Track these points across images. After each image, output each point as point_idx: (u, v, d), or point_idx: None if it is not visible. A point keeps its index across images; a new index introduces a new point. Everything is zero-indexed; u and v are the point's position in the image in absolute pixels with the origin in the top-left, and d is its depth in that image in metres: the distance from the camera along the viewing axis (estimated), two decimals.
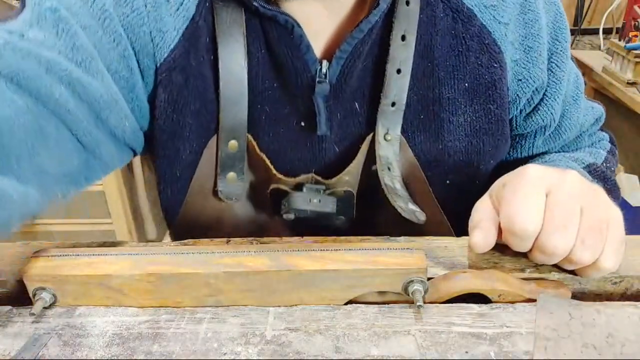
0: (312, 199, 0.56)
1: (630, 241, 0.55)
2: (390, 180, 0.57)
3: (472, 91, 0.58)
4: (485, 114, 0.59)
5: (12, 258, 0.55)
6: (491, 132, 0.60)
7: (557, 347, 0.42)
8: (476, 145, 0.60)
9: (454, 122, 0.58)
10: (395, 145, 0.57)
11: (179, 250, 0.49)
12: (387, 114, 0.56)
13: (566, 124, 0.67)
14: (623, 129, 1.88)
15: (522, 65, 0.59)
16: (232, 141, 0.57)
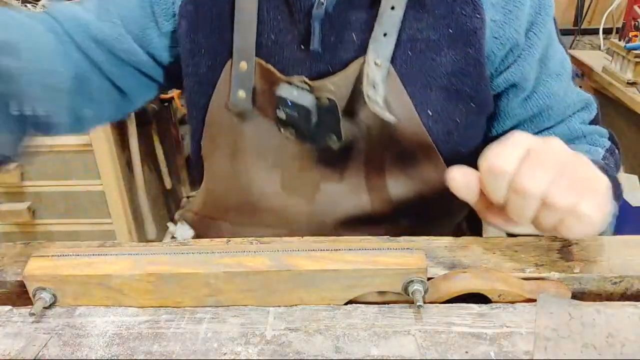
0: (293, 92, 0.64)
1: (630, 241, 0.55)
2: (373, 94, 0.63)
3: (455, 37, 0.65)
4: (464, 56, 0.66)
5: (12, 258, 0.55)
6: (469, 73, 0.66)
7: (557, 347, 0.42)
8: (456, 84, 0.67)
9: (436, 61, 0.66)
10: (384, 71, 0.63)
11: (179, 250, 0.49)
12: (379, 42, 0.63)
13: (544, 91, 0.71)
14: (623, 129, 1.88)
15: (499, 25, 0.66)
16: (242, 62, 0.67)
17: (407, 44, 0.65)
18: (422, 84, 0.66)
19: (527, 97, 0.72)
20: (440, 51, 0.65)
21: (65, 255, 0.49)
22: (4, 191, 1.81)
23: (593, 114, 0.76)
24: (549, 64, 0.71)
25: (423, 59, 0.66)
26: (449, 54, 0.66)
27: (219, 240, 0.58)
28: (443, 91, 0.67)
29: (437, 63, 0.66)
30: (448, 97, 0.67)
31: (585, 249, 0.54)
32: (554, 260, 0.52)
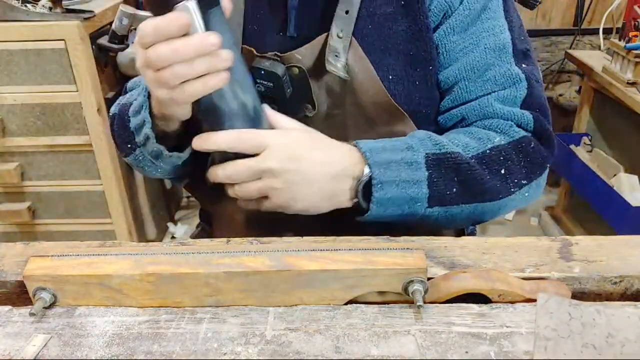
0: (265, 62, 0.74)
1: (630, 241, 0.55)
2: (334, 60, 0.72)
3: (406, 7, 0.73)
4: (416, 23, 0.73)
5: (13, 258, 0.55)
6: (422, 38, 0.73)
7: (557, 347, 0.42)
8: (412, 49, 0.74)
9: (393, 29, 0.74)
10: (346, 42, 0.72)
11: (179, 250, 0.49)
12: (341, 18, 0.72)
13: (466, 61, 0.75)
14: (623, 129, 1.88)
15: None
16: None
17: (367, 18, 0.74)
18: (382, 50, 0.74)
19: (447, 65, 0.75)
20: (395, 21, 0.74)
21: (65, 255, 0.49)
22: (4, 191, 1.81)
23: (520, 92, 0.75)
24: (477, 36, 0.75)
25: (381, 29, 0.74)
26: (403, 22, 0.74)
27: (219, 240, 0.58)
28: (401, 56, 0.74)
29: (394, 31, 0.74)
30: (406, 61, 0.74)
31: (585, 249, 0.54)
32: (554, 260, 0.52)
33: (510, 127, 0.73)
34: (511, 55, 0.76)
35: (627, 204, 1.65)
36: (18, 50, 1.58)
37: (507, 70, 0.75)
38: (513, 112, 0.74)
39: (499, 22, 0.76)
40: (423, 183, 0.65)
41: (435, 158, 0.67)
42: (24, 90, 1.63)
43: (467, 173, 0.67)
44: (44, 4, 1.60)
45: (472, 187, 0.67)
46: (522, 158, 0.71)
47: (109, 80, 1.75)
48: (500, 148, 0.70)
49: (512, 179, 0.70)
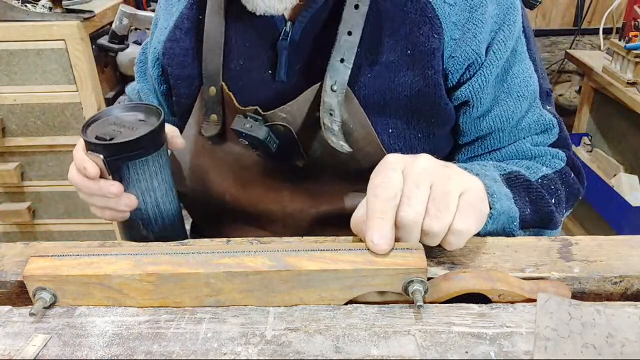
0: (246, 124, 0.68)
1: (630, 241, 0.55)
2: (329, 121, 0.66)
3: (413, 57, 0.66)
4: (423, 78, 0.67)
5: (13, 258, 0.55)
6: (428, 94, 0.67)
7: (557, 347, 0.42)
8: (415, 104, 0.68)
9: (395, 82, 0.67)
10: (340, 95, 0.66)
11: (179, 250, 0.49)
12: (335, 68, 0.65)
13: (498, 112, 0.71)
14: (623, 129, 1.88)
15: (458, 44, 0.66)
16: (211, 87, 0.72)
17: (366, 67, 0.67)
18: (381, 105, 0.68)
19: (480, 115, 0.71)
20: (398, 72, 0.67)
21: (65, 255, 0.49)
22: (4, 191, 1.81)
23: (552, 138, 0.74)
24: (509, 83, 0.70)
25: (382, 80, 0.67)
26: (407, 74, 0.67)
27: (219, 240, 0.58)
28: (403, 111, 0.68)
29: (396, 84, 0.67)
30: (408, 116, 0.69)
31: (585, 249, 0.54)
32: (554, 260, 0.52)
33: (549, 160, 0.72)
34: (539, 99, 0.73)
35: (627, 204, 1.65)
36: (18, 50, 1.58)
37: (540, 117, 0.73)
38: (549, 151, 0.73)
39: (526, 64, 0.71)
40: (511, 200, 0.61)
41: (507, 177, 0.64)
42: (24, 90, 1.63)
43: (537, 192, 0.65)
44: (44, 4, 1.60)
45: (541, 209, 0.65)
46: (564, 188, 0.70)
47: (109, 80, 1.75)
48: (549, 177, 0.69)
49: (561, 207, 0.68)
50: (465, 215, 0.49)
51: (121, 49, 1.65)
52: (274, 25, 0.69)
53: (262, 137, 0.68)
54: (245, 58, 0.71)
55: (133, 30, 1.72)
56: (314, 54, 0.68)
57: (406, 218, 0.48)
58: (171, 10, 0.79)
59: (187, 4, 0.76)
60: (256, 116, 0.69)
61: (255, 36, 0.71)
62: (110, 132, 0.60)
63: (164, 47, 0.77)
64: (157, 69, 0.81)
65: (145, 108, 0.65)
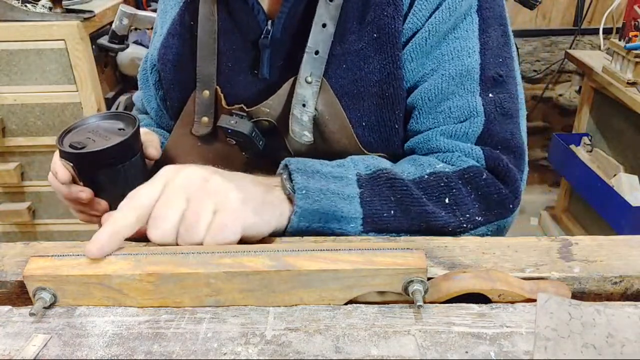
0: (231, 121, 0.69)
1: (630, 241, 0.55)
2: (299, 112, 0.67)
3: (381, 41, 0.66)
4: (392, 59, 0.66)
5: (13, 258, 0.55)
6: (396, 76, 0.66)
7: (557, 347, 0.42)
8: (386, 89, 0.67)
9: (365, 69, 0.66)
10: (315, 87, 0.66)
11: (179, 250, 0.49)
12: (310, 60, 0.66)
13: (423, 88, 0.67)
14: (623, 129, 1.88)
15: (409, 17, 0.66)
16: (205, 91, 0.73)
17: (341, 57, 0.67)
18: (354, 94, 0.67)
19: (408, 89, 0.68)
20: (367, 58, 0.66)
21: (65, 255, 0.49)
22: (4, 191, 1.81)
23: (475, 129, 0.66)
24: (439, 60, 0.66)
25: (354, 69, 0.67)
26: (376, 59, 0.66)
27: None
28: (375, 98, 0.67)
29: (366, 71, 0.66)
30: (381, 104, 0.67)
31: (585, 249, 0.54)
32: (554, 260, 0.52)
33: (457, 158, 0.65)
34: (477, 83, 0.66)
35: (627, 204, 1.65)
36: (18, 50, 1.58)
37: (465, 102, 0.65)
38: (459, 145, 0.65)
39: (468, 43, 0.66)
40: (355, 199, 0.58)
41: (368, 178, 0.61)
42: (24, 90, 1.64)
43: (404, 190, 0.59)
44: (44, 4, 1.60)
45: (411, 209, 0.59)
46: (471, 190, 0.62)
47: (109, 80, 1.75)
48: (441, 175, 0.62)
49: (460, 211, 0.61)
50: (215, 235, 0.50)
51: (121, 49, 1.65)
52: (257, 25, 0.71)
53: (247, 132, 0.69)
54: (233, 60, 0.73)
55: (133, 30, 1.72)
56: (294, 49, 0.69)
57: (154, 239, 0.50)
58: (165, 17, 0.81)
59: (179, 10, 0.78)
60: (241, 113, 0.70)
61: (241, 38, 0.72)
62: (83, 141, 0.62)
63: (159, 54, 0.79)
64: (154, 75, 0.83)
65: (124, 117, 0.67)
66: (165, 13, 0.81)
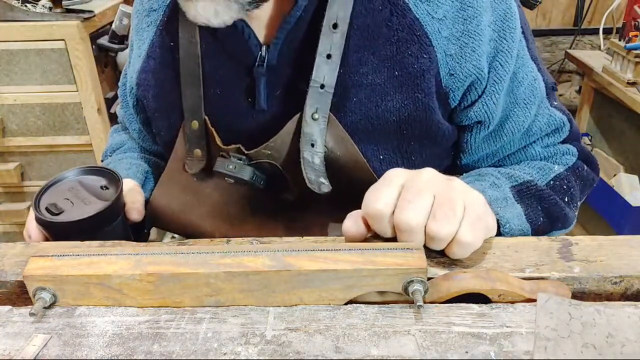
0: (229, 165, 0.64)
1: (630, 241, 0.55)
2: (310, 155, 0.62)
3: (402, 79, 0.61)
4: (413, 101, 0.62)
5: (13, 258, 0.55)
6: (419, 118, 0.63)
7: (557, 347, 0.42)
8: (406, 129, 0.64)
9: (382, 107, 0.62)
10: (322, 123, 0.61)
11: (179, 250, 0.49)
12: (315, 95, 0.61)
13: (510, 127, 0.68)
14: (623, 129, 1.88)
15: (456, 60, 0.62)
16: (194, 121, 0.67)
17: (351, 89, 0.62)
18: (369, 131, 0.63)
19: (491, 132, 0.68)
20: (386, 96, 0.62)
21: (65, 255, 0.49)
22: (4, 191, 1.81)
23: (563, 135, 0.72)
24: (517, 93, 0.66)
25: (369, 105, 0.62)
26: (395, 98, 0.62)
27: (219, 240, 0.58)
28: (393, 136, 0.64)
29: (383, 109, 0.62)
30: (399, 141, 0.65)
31: (585, 249, 0.54)
32: (554, 260, 0.52)
33: (561, 157, 0.70)
34: (545, 98, 0.70)
35: (627, 204, 1.65)
36: (18, 50, 1.58)
37: (550, 118, 0.69)
38: (558, 149, 0.71)
39: (529, 66, 0.67)
40: (522, 218, 0.60)
41: (519, 190, 0.62)
42: (24, 90, 1.63)
43: (550, 200, 0.63)
44: (44, 4, 1.60)
45: (553, 215, 0.64)
46: (579, 182, 0.69)
47: (109, 80, 1.75)
48: (562, 176, 0.67)
49: (574, 204, 0.68)
50: (473, 226, 0.48)
51: (121, 49, 1.65)
52: (249, 50, 0.64)
53: (248, 178, 0.64)
54: (222, 86, 0.67)
55: None
56: (294, 78, 0.64)
57: (406, 221, 0.47)
58: (142, 35, 0.73)
59: (156, 29, 0.71)
60: (239, 155, 0.65)
61: (230, 62, 0.66)
62: (61, 203, 0.59)
63: (138, 78, 0.73)
64: (132, 98, 0.77)
65: (107, 173, 0.64)
66: (143, 30, 0.73)
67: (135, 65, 0.75)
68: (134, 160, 0.80)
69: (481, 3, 0.61)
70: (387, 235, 0.50)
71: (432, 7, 0.60)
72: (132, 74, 0.76)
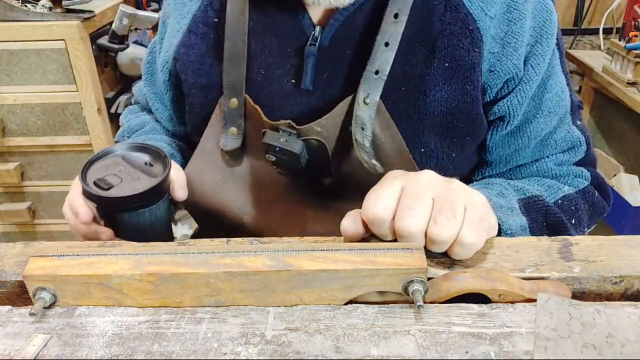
0: (280, 138, 0.64)
1: (630, 241, 0.55)
2: (361, 137, 0.63)
3: (452, 71, 0.63)
4: (462, 93, 0.63)
5: (13, 258, 0.55)
6: (466, 110, 0.64)
7: (557, 347, 0.42)
8: (451, 121, 0.65)
9: (430, 97, 0.64)
10: (372, 109, 0.63)
11: (179, 250, 0.49)
12: (370, 80, 0.62)
13: (529, 130, 0.68)
14: (623, 129, 1.88)
15: (497, 58, 0.64)
16: (233, 99, 0.67)
17: (401, 79, 0.63)
18: (415, 120, 0.64)
19: (511, 132, 0.69)
20: (435, 86, 0.63)
21: (65, 255, 0.49)
22: (4, 191, 1.81)
23: (579, 156, 0.72)
24: (543, 99, 0.68)
25: (416, 94, 0.64)
26: (444, 89, 0.63)
27: (219, 240, 0.58)
28: (437, 128, 0.65)
29: (431, 99, 0.64)
30: (442, 133, 0.66)
31: (585, 249, 0.54)
32: (554, 260, 0.52)
33: (574, 179, 0.70)
34: (569, 114, 0.71)
35: (627, 204, 1.65)
36: (18, 50, 1.58)
37: (568, 134, 0.70)
38: (571, 170, 0.71)
39: (559, 78, 0.69)
40: (527, 230, 0.60)
41: (526, 202, 0.62)
42: (24, 90, 1.64)
43: (556, 217, 0.63)
44: (44, 4, 1.60)
45: (558, 234, 0.63)
46: (588, 207, 0.69)
47: (109, 80, 1.75)
48: (570, 197, 0.67)
49: (580, 227, 0.67)
50: (475, 228, 0.48)
51: (121, 49, 1.65)
52: (301, 30, 0.65)
53: (298, 152, 0.64)
54: (266, 67, 0.67)
55: (133, 30, 1.72)
56: (344, 63, 0.65)
57: (407, 228, 0.47)
58: (182, 10, 0.73)
59: (200, 5, 0.72)
60: (290, 130, 0.65)
61: (278, 42, 0.67)
62: (109, 178, 0.58)
63: (177, 52, 0.72)
64: (165, 74, 0.76)
65: (154, 152, 0.63)
66: (183, 5, 0.73)
67: (172, 39, 0.74)
68: (160, 143, 0.80)
69: (527, 7, 0.64)
70: (388, 238, 0.50)
71: (485, 4, 0.63)
72: (167, 48, 0.75)
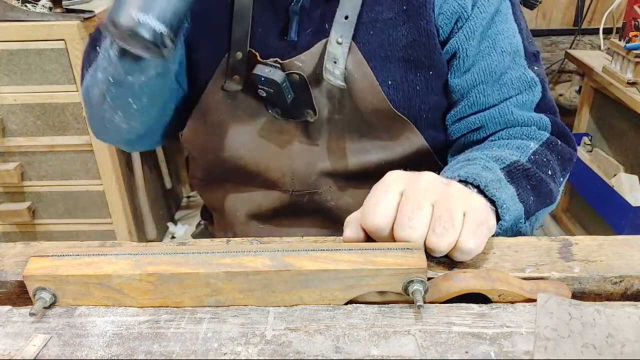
0: (265, 69, 0.75)
1: (630, 241, 0.55)
2: (332, 67, 0.73)
3: (408, 12, 0.74)
4: (417, 29, 0.74)
5: (13, 258, 0.55)
6: (423, 44, 0.74)
7: (557, 347, 0.42)
8: (412, 54, 0.75)
9: (393, 36, 0.74)
10: (345, 48, 0.73)
11: (179, 250, 0.49)
12: (340, 24, 0.73)
13: (483, 65, 0.75)
14: (623, 129, 1.88)
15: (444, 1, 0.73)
16: (238, 52, 0.78)
17: (368, 24, 0.75)
18: (382, 57, 0.75)
19: (466, 70, 0.76)
20: (396, 27, 0.74)
21: (65, 255, 0.49)
22: (4, 191, 1.81)
23: (536, 96, 0.77)
24: (493, 39, 0.75)
25: (382, 35, 0.74)
26: (403, 27, 0.74)
27: (219, 240, 0.58)
28: (401, 62, 0.75)
29: (394, 38, 0.74)
30: (406, 67, 0.75)
31: (585, 249, 0.54)
32: (554, 260, 0.52)
33: (535, 132, 0.74)
34: (524, 59, 0.77)
35: (627, 204, 1.65)
36: (18, 50, 1.58)
37: (523, 74, 0.76)
38: (532, 117, 0.76)
39: (510, 25, 0.76)
40: (515, 198, 0.62)
41: (508, 171, 0.65)
42: (24, 90, 1.63)
43: (536, 176, 0.66)
44: (44, 4, 1.60)
45: (541, 192, 0.66)
46: (556, 156, 0.72)
47: None
48: (538, 152, 0.71)
49: (556, 178, 0.70)
50: (473, 233, 0.49)
51: None
52: None
53: (280, 81, 0.74)
54: (264, 25, 0.78)
55: None
56: (322, 17, 0.75)
57: (406, 238, 0.48)
58: None
59: None
60: (275, 64, 0.76)
61: (271, 6, 0.78)
62: None
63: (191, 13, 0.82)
64: None
65: None
66: None
67: None
68: None
69: None
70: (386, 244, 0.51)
71: None
72: None
